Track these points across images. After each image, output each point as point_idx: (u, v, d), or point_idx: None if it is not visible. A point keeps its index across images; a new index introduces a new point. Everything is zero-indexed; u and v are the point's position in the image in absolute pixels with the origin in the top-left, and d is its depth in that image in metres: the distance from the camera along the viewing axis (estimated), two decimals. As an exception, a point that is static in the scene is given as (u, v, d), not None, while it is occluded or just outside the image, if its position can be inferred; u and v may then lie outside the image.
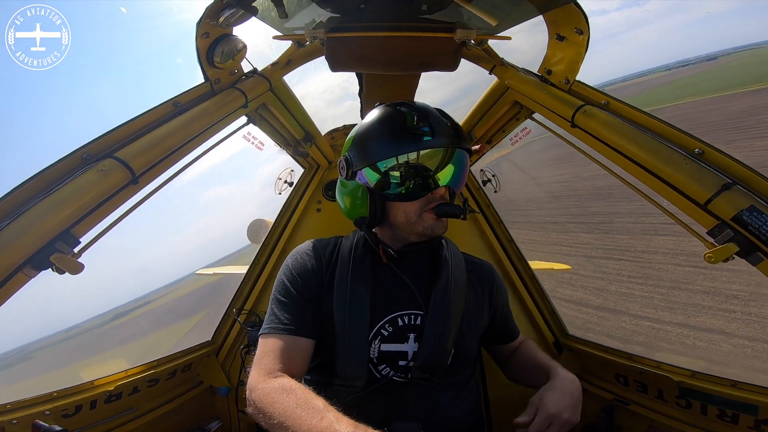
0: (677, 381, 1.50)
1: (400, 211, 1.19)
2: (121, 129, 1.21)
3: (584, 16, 1.18)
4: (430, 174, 1.18)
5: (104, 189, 1.08)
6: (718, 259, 1.05)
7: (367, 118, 1.22)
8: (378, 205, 1.18)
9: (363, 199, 1.19)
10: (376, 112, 1.23)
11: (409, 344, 1.17)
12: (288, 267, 1.26)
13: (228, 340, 2.22)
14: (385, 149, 1.16)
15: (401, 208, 1.19)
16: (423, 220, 1.18)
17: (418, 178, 1.17)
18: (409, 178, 1.17)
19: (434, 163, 1.20)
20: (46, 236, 0.98)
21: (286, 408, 0.96)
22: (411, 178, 1.17)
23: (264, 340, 1.16)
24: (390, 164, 1.17)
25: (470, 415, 1.23)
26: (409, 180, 1.17)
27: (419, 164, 1.18)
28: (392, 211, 1.20)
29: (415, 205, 1.18)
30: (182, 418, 2.01)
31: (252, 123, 1.70)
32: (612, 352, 1.82)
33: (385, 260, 1.23)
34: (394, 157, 1.16)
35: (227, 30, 1.33)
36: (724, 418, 1.40)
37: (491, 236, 2.26)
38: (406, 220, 1.19)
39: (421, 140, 1.14)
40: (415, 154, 1.16)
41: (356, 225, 1.28)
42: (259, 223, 4.20)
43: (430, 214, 1.18)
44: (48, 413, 1.41)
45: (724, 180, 1.02)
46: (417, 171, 1.18)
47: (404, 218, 1.19)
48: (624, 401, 1.74)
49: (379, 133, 1.18)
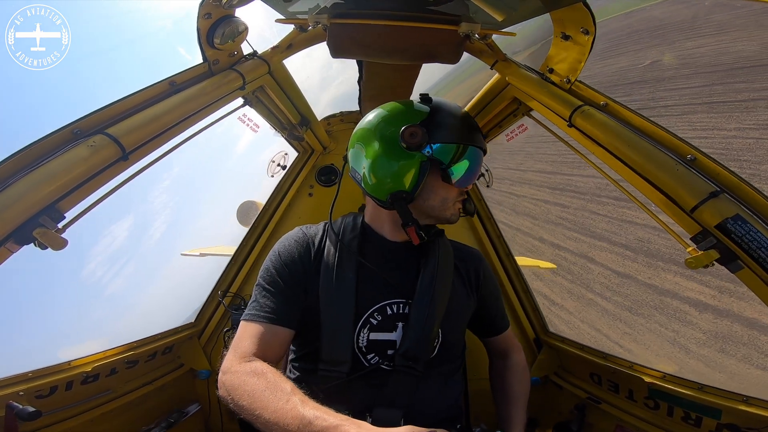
0: (648, 382, 1.54)
1: (439, 194, 1.22)
2: (115, 106, 1.17)
3: (592, 16, 1.18)
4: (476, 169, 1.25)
5: (93, 164, 1.05)
6: (699, 264, 1.07)
7: (440, 104, 1.24)
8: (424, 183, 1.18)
9: (414, 171, 1.17)
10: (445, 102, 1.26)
11: (397, 333, 1.18)
12: (275, 254, 1.25)
13: (211, 322, 2.20)
14: (472, 137, 1.23)
15: (442, 192, 1.22)
16: (454, 209, 1.26)
17: (470, 172, 1.23)
18: (468, 169, 1.22)
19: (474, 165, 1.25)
20: (30, 210, 0.95)
21: (255, 390, 0.97)
22: (468, 170, 1.22)
23: (244, 325, 1.16)
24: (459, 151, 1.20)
25: (451, 406, 1.25)
26: (467, 170, 1.22)
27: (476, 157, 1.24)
28: (429, 194, 1.21)
29: (455, 193, 1.24)
30: (160, 400, 1.99)
31: (248, 105, 1.66)
32: (589, 351, 1.87)
33: (416, 242, 1.22)
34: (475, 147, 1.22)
35: (229, 11, 1.29)
36: (688, 421, 1.44)
37: (481, 231, 2.29)
38: (441, 204, 1.23)
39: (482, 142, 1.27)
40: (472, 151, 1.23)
41: (389, 200, 1.20)
42: (249, 204, 4.10)
43: (459, 204, 1.27)
44: (22, 394, 1.37)
45: (713, 188, 1.04)
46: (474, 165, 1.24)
47: (440, 202, 1.23)
48: (596, 399, 1.78)
49: (463, 120, 1.24)
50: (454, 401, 1.27)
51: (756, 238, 0.97)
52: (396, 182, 1.18)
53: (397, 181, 1.18)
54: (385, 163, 1.18)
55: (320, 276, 1.19)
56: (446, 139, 1.17)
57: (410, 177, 1.17)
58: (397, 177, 1.17)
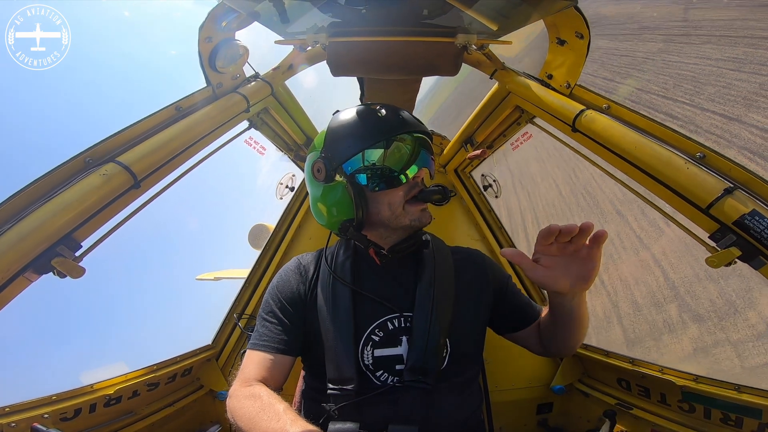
0: (680, 385, 1.49)
1: (384, 204, 1.19)
2: (123, 133, 1.21)
3: (585, 20, 1.19)
4: (407, 161, 1.20)
5: (106, 193, 1.08)
6: (721, 263, 1.04)
7: (333, 122, 1.23)
8: (362, 201, 1.18)
9: (345, 198, 1.19)
10: (339, 116, 1.24)
11: (402, 347, 1.17)
12: (273, 287, 1.30)
13: (228, 344, 2.22)
14: (371, 134, 1.17)
15: (385, 201, 1.19)
16: (408, 213, 1.20)
17: (397, 166, 1.19)
18: (390, 165, 1.18)
19: (405, 153, 1.21)
20: (48, 240, 0.98)
21: (251, 412, 1.02)
22: (392, 166, 1.18)
23: (249, 353, 1.23)
24: (369, 157, 1.17)
25: (470, 418, 1.22)
26: (389, 169, 1.18)
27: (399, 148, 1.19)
28: (375, 208, 1.20)
29: (399, 195, 1.19)
30: (182, 422, 2.01)
31: (254, 127, 1.70)
32: (614, 357, 1.81)
33: (378, 262, 1.23)
34: (379, 142, 1.16)
35: (229, 34, 1.34)
36: (728, 422, 1.39)
37: (492, 242, 2.26)
38: (391, 213, 1.19)
39: (401, 126, 1.19)
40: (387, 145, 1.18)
41: (341, 232, 1.25)
42: (260, 227, 4.19)
43: (414, 205, 1.20)
44: (47, 416, 1.40)
45: (726, 184, 1.02)
46: (400, 157, 1.19)
47: (389, 212, 1.19)
48: (626, 405, 1.73)
49: (357, 124, 1.19)
50: (472, 413, 1.23)
51: None
52: (338, 214, 1.22)
53: (337, 212, 1.22)
54: (320, 202, 1.24)
55: (317, 302, 1.22)
56: (346, 155, 1.17)
57: (344, 204, 1.19)
58: (334, 209, 1.22)
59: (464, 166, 2.21)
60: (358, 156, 1.16)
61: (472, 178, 2.26)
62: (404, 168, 1.19)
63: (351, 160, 1.17)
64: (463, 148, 2.01)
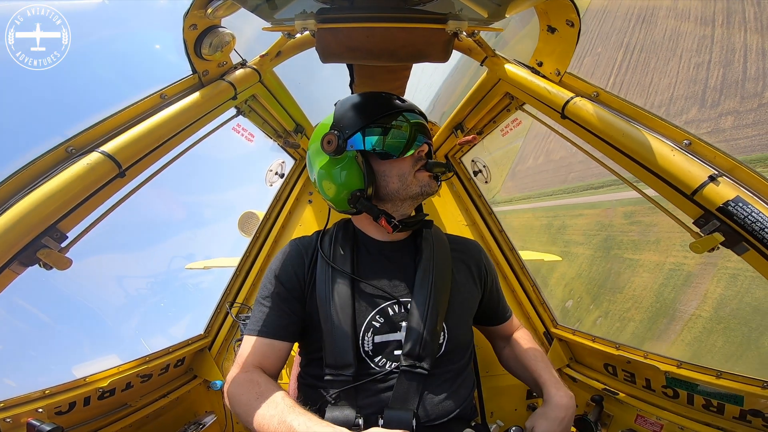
0: (664, 371, 1.52)
1: (393, 176, 1.22)
2: (107, 122, 1.18)
3: (575, 8, 1.18)
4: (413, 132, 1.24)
5: (90, 183, 1.06)
6: (704, 248, 1.07)
7: (345, 100, 1.29)
8: (372, 173, 1.21)
9: (355, 169, 1.21)
10: (350, 96, 1.30)
11: (402, 333, 1.18)
12: (271, 271, 1.29)
13: (221, 333, 2.22)
14: (383, 107, 1.23)
15: (395, 172, 1.22)
16: (417, 180, 1.24)
17: (405, 138, 1.23)
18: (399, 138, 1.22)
19: (411, 130, 1.25)
20: (33, 232, 0.96)
21: (249, 398, 1.04)
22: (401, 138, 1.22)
23: (246, 339, 1.23)
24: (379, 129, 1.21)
25: (464, 404, 1.25)
26: (399, 139, 1.22)
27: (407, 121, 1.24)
28: (384, 180, 1.23)
29: (408, 165, 1.23)
30: (177, 412, 2.02)
31: (241, 115, 1.67)
32: (600, 342, 1.85)
33: (390, 231, 1.24)
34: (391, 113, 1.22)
35: (215, 21, 1.30)
36: (710, 408, 1.43)
37: (482, 226, 2.27)
38: (401, 183, 1.23)
39: (408, 107, 1.26)
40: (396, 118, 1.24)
41: (350, 202, 1.25)
42: (249, 215, 4.15)
43: (423, 173, 1.25)
44: (41, 411, 1.39)
45: (711, 171, 1.04)
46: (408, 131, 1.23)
47: (398, 182, 1.23)
48: (612, 391, 1.77)
49: (369, 99, 1.26)
50: (466, 398, 1.26)
51: (758, 219, 0.96)
52: (347, 186, 1.23)
53: (346, 185, 1.23)
54: (329, 176, 1.25)
55: (315, 287, 1.22)
56: (357, 126, 1.20)
57: (354, 175, 1.21)
58: (344, 181, 1.23)
59: (454, 151, 2.21)
60: (371, 128, 1.20)
61: (462, 163, 2.26)
62: (412, 139, 1.23)
63: (364, 131, 1.20)
64: (453, 134, 2.01)
